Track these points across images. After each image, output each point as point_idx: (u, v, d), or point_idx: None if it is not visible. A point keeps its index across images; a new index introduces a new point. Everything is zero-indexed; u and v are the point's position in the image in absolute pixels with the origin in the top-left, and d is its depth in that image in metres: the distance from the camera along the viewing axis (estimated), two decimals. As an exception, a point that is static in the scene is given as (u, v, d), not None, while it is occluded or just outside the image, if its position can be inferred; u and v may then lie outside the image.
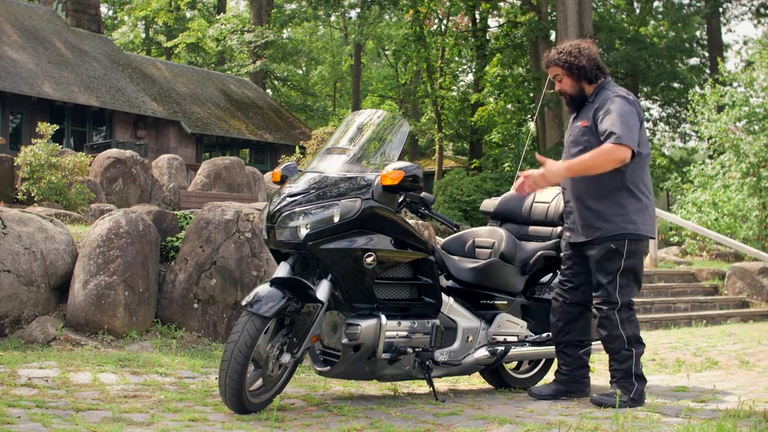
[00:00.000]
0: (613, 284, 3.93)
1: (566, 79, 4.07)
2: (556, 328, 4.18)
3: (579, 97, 4.08)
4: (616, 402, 3.75)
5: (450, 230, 5.24)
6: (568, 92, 4.08)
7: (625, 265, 3.93)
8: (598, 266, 3.97)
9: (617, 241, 3.92)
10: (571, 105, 4.15)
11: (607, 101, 3.93)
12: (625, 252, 3.92)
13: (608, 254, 3.93)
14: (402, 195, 4.01)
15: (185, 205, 11.58)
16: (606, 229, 3.92)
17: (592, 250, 3.98)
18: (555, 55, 4.11)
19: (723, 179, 16.33)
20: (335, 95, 43.28)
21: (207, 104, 25.49)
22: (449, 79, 29.35)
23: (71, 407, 3.48)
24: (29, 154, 9.76)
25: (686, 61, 31.15)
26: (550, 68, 4.12)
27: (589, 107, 4.03)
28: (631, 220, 3.93)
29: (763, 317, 10.42)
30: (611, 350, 4.00)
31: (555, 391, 4.14)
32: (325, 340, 3.92)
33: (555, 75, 4.10)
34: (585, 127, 3.99)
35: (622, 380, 3.97)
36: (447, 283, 4.31)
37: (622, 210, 3.93)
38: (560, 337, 4.16)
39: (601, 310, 3.98)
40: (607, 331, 3.97)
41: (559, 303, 4.16)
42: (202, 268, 5.82)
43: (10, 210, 5.76)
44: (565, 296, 4.14)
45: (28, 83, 19.45)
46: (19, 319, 5.39)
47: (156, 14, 32.86)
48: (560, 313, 4.15)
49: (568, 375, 4.15)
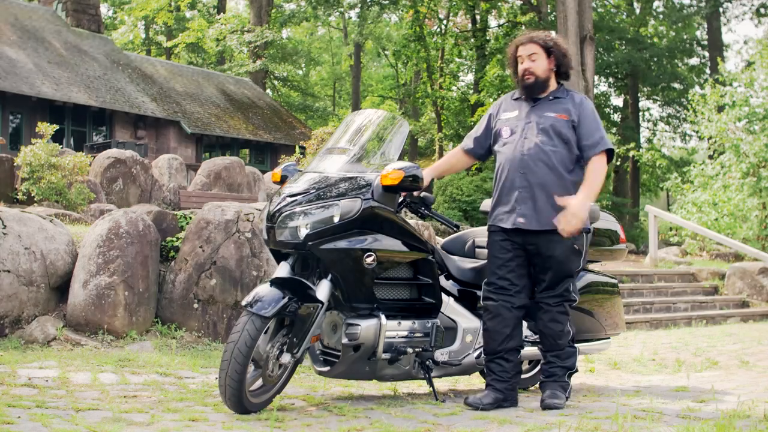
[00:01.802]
0: (571, 282, 3.98)
1: (542, 62, 4.03)
2: (501, 336, 3.95)
3: (543, 84, 4.04)
4: (563, 404, 3.83)
5: (450, 230, 5.24)
6: (539, 75, 4.02)
7: (582, 265, 4.06)
8: (560, 266, 3.92)
9: (578, 240, 3.96)
10: (530, 88, 4.05)
11: (585, 104, 4.03)
12: (583, 252, 4.01)
13: (571, 254, 3.94)
14: (402, 195, 4.01)
15: (185, 205, 11.59)
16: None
17: (551, 248, 3.89)
18: (542, 35, 4.09)
19: (723, 179, 16.33)
20: (335, 95, 43.28)
21: (207, 104, 25.49)
22: (449, 79, 29.34)
23: (71, 407, 3.48)
24: (29, 154, 9.76)
25: (686, 61, 31.15)
26: (529, 45, 4.04)
27: (561, 102, 4.02)
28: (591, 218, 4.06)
29: (763, 317, 10.42)
30: (558, 346, 3.96)
31: (495, 400, 3.88)
32: (325, 340, 3.92)
33: (532, 53, 4.02)
34: (567, 120, 3.97)
35: (561, 378, 3.96)
36: (447, 283, 4.31)
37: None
38: (504, 344, 3.95)
39: (560, 305, 3.95)
40: (561, 327, 3.95)
41: (507, 309, 3.95)
42: (202, 268, 5.82)
43: (10, 210, 5.76)
44: (511, 301, 3.95)
45: (28, 83, 19.45)
46: (19, 319, 5.39)
47: (156, 14, 32.85)
48: (506, 320, 3.95)
49: (508, 381, 3.95)
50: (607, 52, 27.32)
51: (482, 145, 4.27)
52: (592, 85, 18.22)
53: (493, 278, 4.01)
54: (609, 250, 4.80)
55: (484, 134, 4.26)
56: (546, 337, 3.99)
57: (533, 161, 3.93)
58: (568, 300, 3.99)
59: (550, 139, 3.96)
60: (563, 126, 3.97)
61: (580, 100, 4.05)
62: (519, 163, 3.97)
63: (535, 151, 3.95)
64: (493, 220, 4.06)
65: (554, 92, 4.08)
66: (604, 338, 4.77)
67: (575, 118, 3.98)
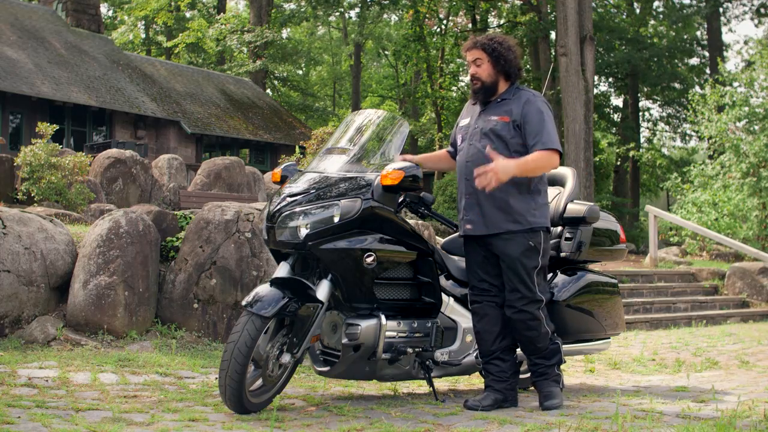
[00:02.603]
0: (532, 282, 3.90)
1: (486, 66, 4.00)
2: (492, 335, 3.97)
3: (491, 88, 4.01)
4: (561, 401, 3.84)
5: (450, 230, 5.24)
6: (484, 80, 3.99)
7: (542, 263, 3.96)
8: (517, 264, 3.88)
9: (533, 238, 3.91)
10: (479, 93, 4.03)
11: (531, 103, 3.94)
12: (541, 249, 3.94)
13: (527, 251, 3.89)
14: (402, 195, 4.01)
15: (185, 205, 11.58)
16: (520, 223, 3.89)
17: (506, 246, 3.89)
18: (484, 39, 4.04)
19: (723, 179, 16.34)
20: (335, 95, 43.27)
21: (207, 104, 25.49)
22: (449, 79, 29.34)
23: (71, 407, 3.48)
24: (29, 154, 9.76)
25: (686, 61, 31.15)
26: (473, 51, 4.01)
27: (506, 103, 3.98)
28: (542, 214, 3.97)
29: (763, 317, 10.42)
30: (539, 349, 3.95)
31: (494, 401, 3.89)
32: (325, 340, 3.92)
33: (476, 59, 3.99)
34: (507, 122, 3.93)
35: (549, 375, 3.96)
36: (447, 283, 4.31)
37: (532, 205, 3.94)
38: (497, 344, 3.97)
39: (525, 311, 3.88)
40: (536, 332, 3.91)
41: (492, 307, 3.97)
42: (202, 268, 5.82)
43: (10, 210, 5.76)
44: (495, 300, 3.97)
45: (27, 83, 19.45)
46: (19, 319, 5.39)
47: (156, 14, 32.83)
48: (494, 318, 3.97)
49: (506, 381, 3.96)
50: (607, 52, 27.30)
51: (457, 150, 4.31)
52: (592, 85, 18.22)
53: (474, 281, 4.06)
54: (609, 250, 4.80)
55: (453, 140, 4.31)
56: (525, 344, 3.99)
57: (475, 167, 3.87)
58: (533, 301, 3.90)
59: (491, 142, 3.93)
60: (503, 128, 3.94)
61: (527, 99, 3.97)
62: (464, 169, 4.01)
63: (477, 156, 3.96)
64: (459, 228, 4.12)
65: (503, 94, 4.03)
66: (604, 338, 4.77)
67: (518, 118, 3.93)
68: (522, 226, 3.89)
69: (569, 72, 17.60)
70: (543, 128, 3.89)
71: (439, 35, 28.39)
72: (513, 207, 3.89)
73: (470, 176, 3.92)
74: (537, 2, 23.39)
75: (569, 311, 4.41)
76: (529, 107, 3.93)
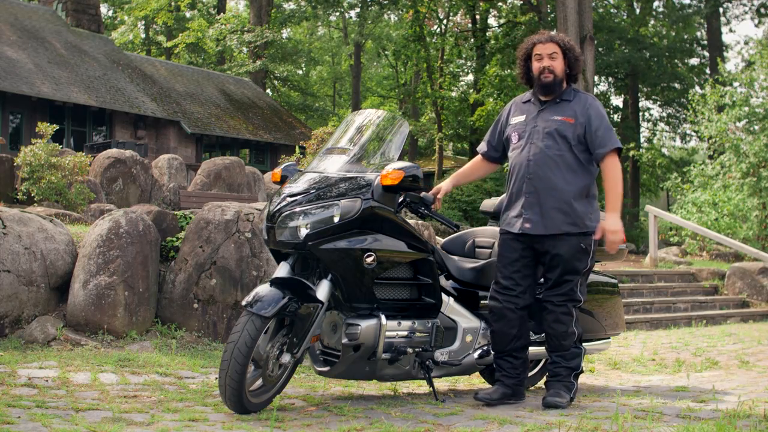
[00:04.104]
0: (577, 282, 3.98)
1: (560, 62, 4.08)
2: (509, 336, 4.03)
3: (559, 84, 4.08)
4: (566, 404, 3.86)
5: (450, 230, 5.24)
6: (557, 74, 4.06)
7: (590, 265, 4.05)
8: (566, 264, 3.94)
9: (586, 240, 3.98)
10: (545, 89, 4.08)
11: (593, 106, 4.05)
12: (591, 252, 4.02)
13: (578, 253, 3.96)
14: (402, 195, 4.01)
15: (185, 205, 11.58)
16: (578, 226, 3.96)
17: (558, 246, 3.95)
18: (560, 37, 4.15)
19: (723, 179, 16.34)
20: (335, 95, 43.26)
21: (207, 104, 25.49)
22: (449, 79, 29.33)
23: (71, 407, 3.48)
24: (29, 154, 9.76)
25: (686, 61, 31.15)
26: (550, 44, 4.08)
27: (568, 104, 4.05)
28: (596, 218, 4.06)
29: (763, 317, 10.42)
30: (563, 347, 3.99)
31: (503, 395, 4.02)
32: (325, 340, 3.92)
33: (553, 53, 4.06)
34: (572, 123, 4.00)
35: (565, 378, 3.99)
36: (447, 283, 4.31)
37: (590, 209, 4.03)
38: (512, 344, 4.04)
39: (564, 306, 3.96)
40: (565, 327, 3.96)
41: (511, 310, 4.01)
42: (202, 268, 5.82)
43: (10, 210, 5.76)
44: (515, 302, 4.01)
45: (27, 83, 19.45)
46: (19, 319, 5.39)
47: (156, 14, 32.82)
48: (512, 321, 4.02)
49: (517, 378, 4.05)
50: (607, 52, 27.31)
51: (496, 148, 4.34)
52: (592, 85, 18.21)
53: (499, 277, 4.09)
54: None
55: (497, 138, 4.33)
56: (551, 337, 4.03)
57: (539, 166, 3.98)
58: (573, 300, 3.98)
59: (556, 143, 3.99)
60: (568, 129, 4.00)
61: (588, 102, 4.06)
62: (526, 168, 4.03)
63: (540, 156, 3.99)
64: (504, 225, 4.14)
65: (562, 94, 4.10)
66: (604, 338, 4.77)
67: (583, 120, 4.00)
68: (579, 229, 3.96)
69: (569, 72, 17.56)
70: (607, 129, 4.02)
71: (439, 35, 28.38)
72: (575, 209, 3.96)
73: (531, 175, 4.00)
74: (537, 2, 23.38)
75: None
76: (592, 109, 4.03)
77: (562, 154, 3.98)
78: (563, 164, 3.97)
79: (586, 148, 4.02)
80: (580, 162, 4.01)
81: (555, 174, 3.97)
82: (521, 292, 4.02)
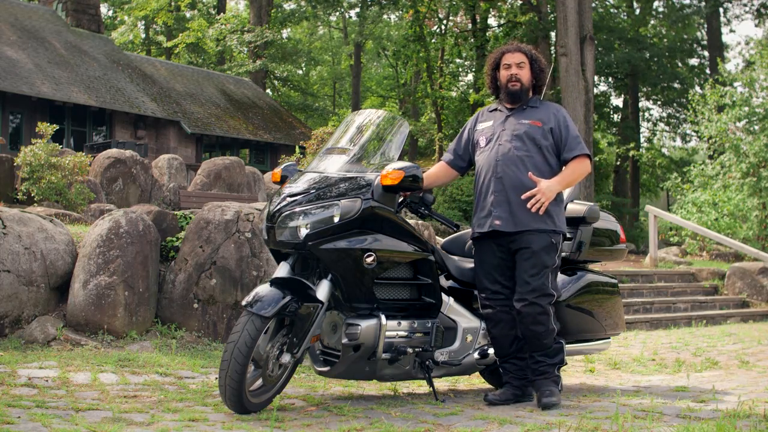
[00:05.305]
0: (547, 278, 4.01)
1: (527, 72, 4.20)
2: (508, 339, 4.08)
3: (524, 92, 4.19)
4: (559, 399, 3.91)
5: (450, 230, 5.25)
6: (524, 83, 4.18)
7: (558, 262, 4.11)
8: (535, 259, 3.97)
9: (555, 237, 4.05)
10: (511, 96, 4.18)
11: (560, 113, 4.18)
12: (558, 248, 4.08)
13: (547, 248, 4.01)
14: (402, 195, 4.01)
15: (185, 205, 11.58)
16: (546, 223, 4.01)
17: (529, 240, 3.98)
18: (528, 48, 4.28)
19: (723, 179, 16.34)
20: (335, 95, 43.25)
21: (207, 104, 25.49)
22: (449, 79, 29.33)
23: (71, 407, 3.48)
24: (29, 154, 9.75)
25: (686, 61, 31.13)
26: (518, 54, 4.20)
27: (535, 111, 4.17)
28: (563, 220, 4.16)
29: (763, 317, 10.42)
30: (544, 345, 4.01)
31: (513, 396, 4.08)
32: (325, 340, 3.92)
33: (521, 62, 4.19)
34: (540, 127, 4.11)
35: (552, 375, 4.02)
36: (447, 283, 4.31)
37: (557, 210, 4.10)
38: (514, 346, 4.10)
39: (536, 304, 3.95)
40: (544, 327, 3.97)
41: (506, 312, 4.05)
42: (202, 268, 5.82)
43: (10, 210, 5.76)
44: (508, 304, 4.05)
45: (27, 83, 19.45)
46: (19, 319, 5.39)
47: (156, 14, 32.82)
48: (509, 323, 4.06)
49: (525, 378, 4.10)
50: (607, 52, 27.30)
51: (462, 157, 4.39)
52: (592, 85, 18.22)
53: (486, 283, 4.12)
54: (609, 250, 4.80)
55: (463, 146, 4.37)
56: (531, 339, 4.03)
57: (507, 165, 4.05)
58: (546, 294, 3.98)
59: (524, 144, 4.08)
60: (537, 132, 4.10)
61: (556, 109, 4.21)
62: (493, 167, 4.09)
63: (509, 156, 4.07)
64: (475, 228, 4.17)
65: (530, 102, 4.22)
66: (604, 338, 4.77)
67: (551, 125, 4.12)
68: (548, 226, 4.02)
69: (569, 72, 17.60)
70: (576, 137, 4.13)
71: (439, 35, 28.38)
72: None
73: (500, 173, 4.05)
74: (537, 2, 23.38)
75: (569, 311, 4.42)
76: (559, 117, 4.16)
77: (531, 156, 4.06)
78: (531, 165, 4.05)
79: (554, 152, 4.13)
80: (548, 165, 4.10)
81: (522, 173, 4.03)
82: (510, 294, 4.06)
